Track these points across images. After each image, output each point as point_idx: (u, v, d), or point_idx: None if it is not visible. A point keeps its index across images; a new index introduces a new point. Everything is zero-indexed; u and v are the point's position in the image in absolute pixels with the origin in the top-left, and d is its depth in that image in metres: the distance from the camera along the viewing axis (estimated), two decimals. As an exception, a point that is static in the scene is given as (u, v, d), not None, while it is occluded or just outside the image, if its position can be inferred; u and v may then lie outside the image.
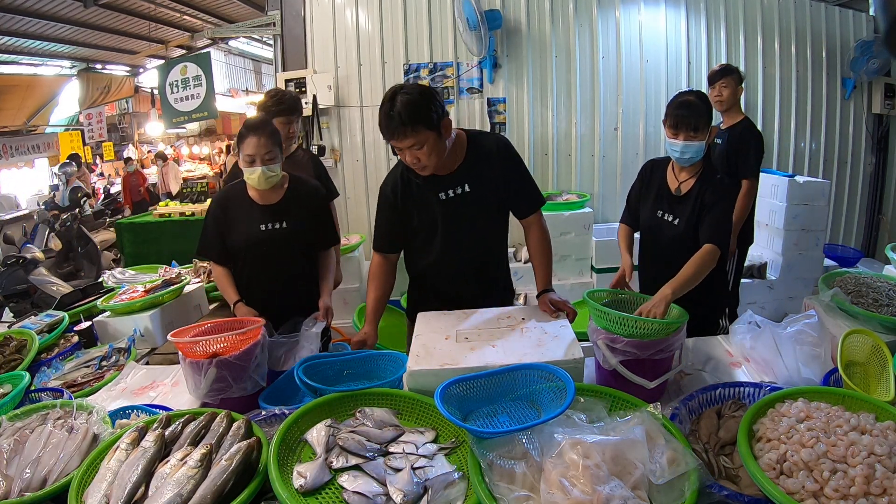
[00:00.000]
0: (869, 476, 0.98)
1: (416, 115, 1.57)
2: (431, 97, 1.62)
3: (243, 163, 1.92)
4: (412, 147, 1.61)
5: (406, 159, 1.66)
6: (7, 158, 9.68)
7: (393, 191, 1.83)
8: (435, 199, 1.79)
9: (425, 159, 1.64)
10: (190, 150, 12.91)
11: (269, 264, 2.02)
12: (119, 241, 4.70)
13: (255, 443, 1.15)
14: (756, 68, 4.16)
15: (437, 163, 1.68)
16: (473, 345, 1.50)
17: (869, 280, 1.96)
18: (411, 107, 1.56)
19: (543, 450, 1.05)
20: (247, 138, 1.90)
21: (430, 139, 1.61)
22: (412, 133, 1.58)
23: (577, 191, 4.14)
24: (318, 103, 4.01)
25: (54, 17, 7.53)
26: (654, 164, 2.07)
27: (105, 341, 2.15)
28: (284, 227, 2.00)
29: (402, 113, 1.56)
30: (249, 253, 2.01)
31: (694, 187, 1.90)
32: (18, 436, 1.32)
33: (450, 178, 1.78)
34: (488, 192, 1.81)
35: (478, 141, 1.82)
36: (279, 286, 2.04)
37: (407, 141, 1.60)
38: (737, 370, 1.66)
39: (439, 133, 1.64)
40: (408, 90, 1.60)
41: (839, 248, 4.36)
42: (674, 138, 1.85)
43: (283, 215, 2.00)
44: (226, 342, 1.56)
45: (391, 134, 1.60)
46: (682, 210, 1.91)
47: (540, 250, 1.90)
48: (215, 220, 2.03)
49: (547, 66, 4.08)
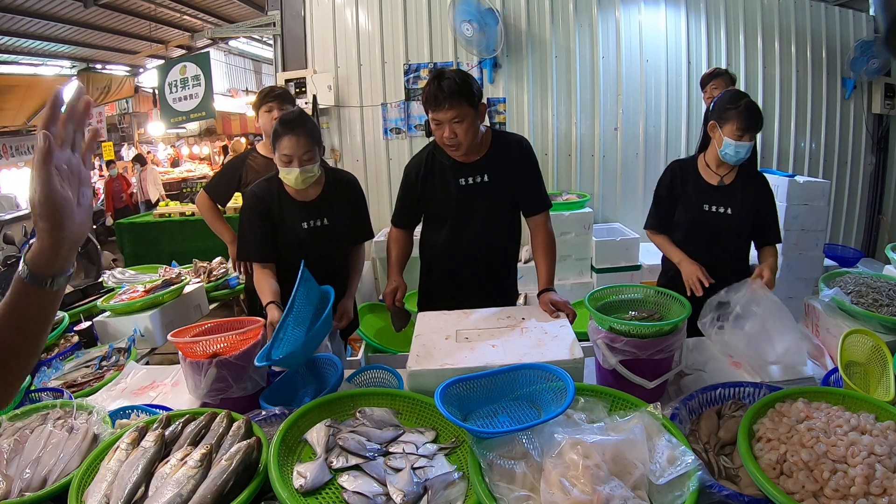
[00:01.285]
0: (869, 476, 0.98)
1: (463, 90, 1.72)
2: (473, 80, 1.78)
3: (279, 162, 1.82)
4: (454, 119, 1.74)
5: (444, 134, 1.77)
6: (7, 158, 9.68)
7: (416, 172, 1.95)
8: (455, 183, 1.90)
9: (462, 135, 1.76)
10: (190, 150, 12.91)
11: (311, 262, 1.88)
12: (119, 241, 4.70)
13: (255, 443, 1.15)
14: (756, 68, 4.16)
15: (471, 142, 1.80)
16: (473, 345, 1.50)
17: (869, 280, 1.96)
18: (459, 82, 1.72)
19: (543, 450, 1.05)
20: (283, 137, 1.78)
21: (470, 116, 1.76)
22: (458, 105, 1.72)
23: (577, 191, 4.14)
24: (318, 103, 4.01)
25: (54, 17, 7.53)
26: (682, 164, 2.10)
27: (105, 341, 2.15)
28: (326, 223, 1.93)
29: (451, 86, 1.71)
30: (292, 252, 1.90)
31: (737, 179, 2.00)
32: (18, 436, 1.32)
33: (472, 167, 1.90)
34: (504, 186, 1.92)
35: (502, 137, 1.97)
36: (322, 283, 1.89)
37: (451, 112, 1.73)
38: (737, 370, 1.66)
39: (477, 113, 1.79)
40: (453, 71, 1.76)
41: (839, 248, 4.36)
42: (739, 140, 1.88)
43: (324, 212, 1.93)
44: (226, 342, 1.57)
45: (439, 104, 1.73)
46: (731, 199, 1.98)
47: (544, 250, 1.95)
48: (254, 220, 1.91)
49: (547, 66, 4.08)
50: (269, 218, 1.91)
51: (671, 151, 4.19)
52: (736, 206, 1.97)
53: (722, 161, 1.96)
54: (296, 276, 1.91)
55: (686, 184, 2.04)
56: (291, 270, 1.92)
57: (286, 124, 1.79)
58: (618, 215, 4.27)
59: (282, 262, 1.94)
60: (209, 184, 2.69)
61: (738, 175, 1.99)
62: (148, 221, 4.71)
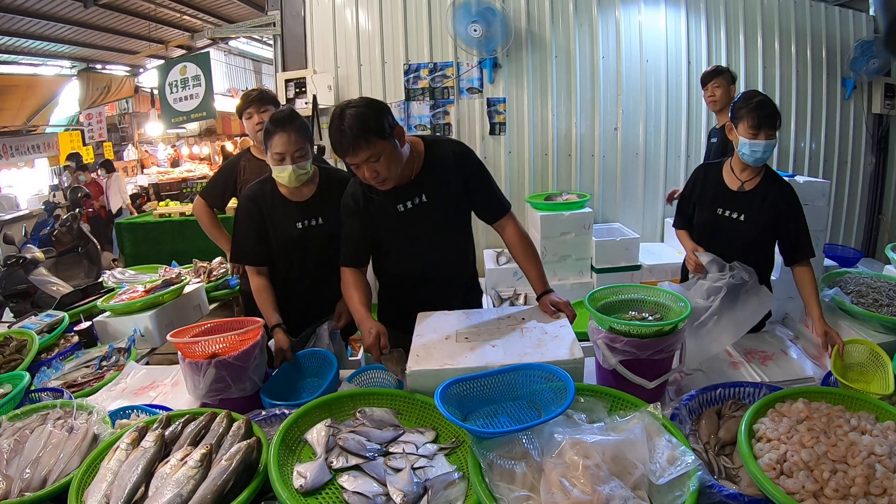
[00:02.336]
0: (869, 476, 0.98)
1: (367, 127, 1.52)
2: (380, 107, 1.58)
3: (272, 161, 1.82)
4: (368, 160, 1.55)
5: (365, 175, 1.60)
6: (7, 158, 9.68)
7: (355, 201, 1.77)
8: (393, 211, 1.74)
9: (384, 171, 1.58)
10: (190, 150, 12.90)
11: (308, 263, 1.94)
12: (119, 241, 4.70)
13: (255, 443, 1.15)
14: (756, 68, 4.16)
15: (396, 173, 1.63)
16: (473, 345, 1.50)
17: (869, 280, 1.96)
18: (361, 119, 1.52)
19: (543, 450, 1.05)
20: (274, 135, 1.79)
21: (386, 149, 1.57)
22: (366, 145, 1.53)
23: (577, 191, 4.14)
24: (318, 103, 4.01)
25: (54, 17, 7.53)
26: (707, 167, 2.08)
27: (105, 341, 2.15)
28: (321, 222, 1.92)
29: (353, 126, 1.51)
30: (287, 253, 1.93)
31: (760, 184, 1.91)
32: (18, 436, 1.32)
33: (406, 189, 1.73)
34: (446, 201, 1.77)
35: (434, 148, 1.77)
36: (319, 283, 1.96)
37: (362, 154, 1.54)
38: (737, 370, 1.66)
39: (394, 142, 1.59)
40: (354, 104, 1.55)
41: (839, 248, 4.35)
42: (754, 138, 1.83)
43: (318, 211, 1.92)
44: (225, 343, 1.56)
45: (345, 150, 1.54)
46: (746, 206, 1.92)
47: (522, 253, 1.83)
48: (248, 222, 1.92)
49: (547, 66, 4.07)
50: (263, 220, 1.91)
51: (671, 151, 4.19)
52: (750, 214, 1.91)
53: (745, 165, 1.91)
54: (291, 276, 1.94)
55: (707, 187, 2.02)
56: (286, 271, 1.95)
57: (276, 122, 1.80)
58: (618, 215, 4.27)
59: (276, 262, 1.95)
60: (205, 189, 2.63)
61: (762, 182, 1.92)
62: (148, 221, 4.71)
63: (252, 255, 1.93)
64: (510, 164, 4.15)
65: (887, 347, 1.51)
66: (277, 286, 1.93)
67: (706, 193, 2.02)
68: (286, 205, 1.91)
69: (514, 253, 1.86)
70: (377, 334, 1.60)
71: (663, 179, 4.20)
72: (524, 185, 4.17)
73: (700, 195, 2.04)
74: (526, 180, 4.17)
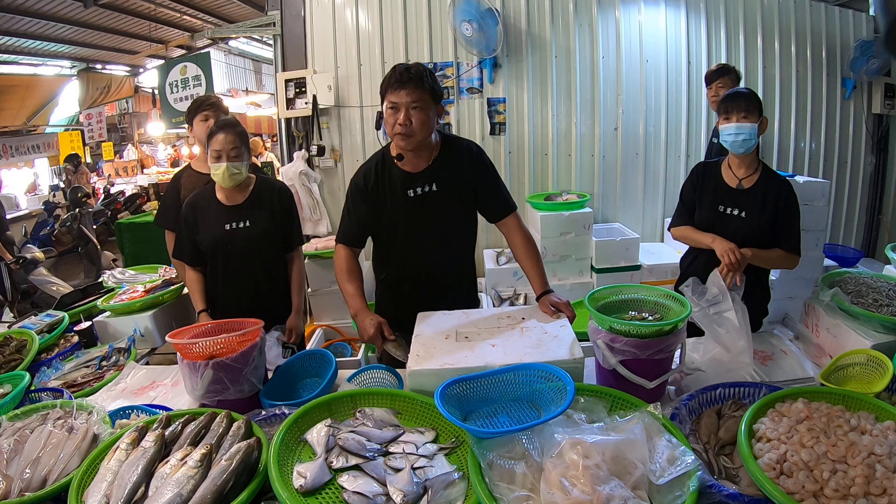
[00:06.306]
0: (869, 476, 0.98)
1: (428, 79, 1.69)
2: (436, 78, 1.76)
3: (210, 159, 1.99)
4: (413, 104, 1.67)
5: (398, 120, 1.68)
6: (7, 158, 9.68)
7: (366, 181, 1.84)
8: (403, 195, 1.82)
9: (417, 123, 1.68)
10: (189, 150, 12.89)
11: (236, 265, 2.06)
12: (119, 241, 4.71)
13: (255, 443, 1.15)
14: (756, 68, 4.16)
15: (423, 137, 1.73)
16: (473, 345, 1.50)
17: (869, 280, 1.96)
18: (428, 71, 1.71)
19: (543, 450, 1.05)
20: (216, 135, 1.97)
21: (429, 108, 1.70)
22: (420, 90, 1.66)
23: (577, 191, 4.14)
24: (318, 103, 4.01)
25: (54, 17, 7.53)
26: (706, 165, 2.10)
27: (105, 341, 2.15)
28: (247, 225, 2.05)
29: (420, 70, 1.68)
30: (215, 253, 2.06)
31: (759, 182, 1.95)
32: (18, 436, 1.32)
33: (419, 176, 1.82)
34: (455, 195, 1.84)
35: (451, 143, 1.88)
36: (249, 286, 2.08)
37: (412, 95, 1.66)
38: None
39: (435, 110, 1.73)
40: (421, 65, 1.73)
41: (839, 248, 4.35)
42: (726, 122, 1.90)
43: (247, 215, 2.06)
44: (223, 344, 1.55)
45: (401, 83, 1.66)
46: (747, 203, 1.95)
47: (525, 253, 1.87)
48: (186, 222, 2.08)
49: (547, 66, 4.07)
50: (197, 223, 2.06)
51: (671, 151, 4.18)
52: (752, 211, 1.93)
53: (740, 161, 1.95)
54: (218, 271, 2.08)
55: (706, 185, 2.04)
56: (216, 271, 2.10)
57: (221, 124, 2.02)
58: (618, 215, 4.27)
59: (208, 262, 2.09)
60: (157, 216, 2.56)
61: (761, 179, 1.95)
62: (148, 221, 4.71)
63: (188, 255, 2.10)
64: (510, 164, 4.15)
65: (887, 347, 1.51)
66: (212, 288, 2.08)
67: (706, 192, 2.03)
68: (220, 207, 2.06)
69: (516, 252, 1.91)
70: (378, 325, 1.66)
71: (663, 179, 4.20)
72: (524, 185, 4.16)
73: (700, 193, 2.05)
74: (526, 180, 4.17)
